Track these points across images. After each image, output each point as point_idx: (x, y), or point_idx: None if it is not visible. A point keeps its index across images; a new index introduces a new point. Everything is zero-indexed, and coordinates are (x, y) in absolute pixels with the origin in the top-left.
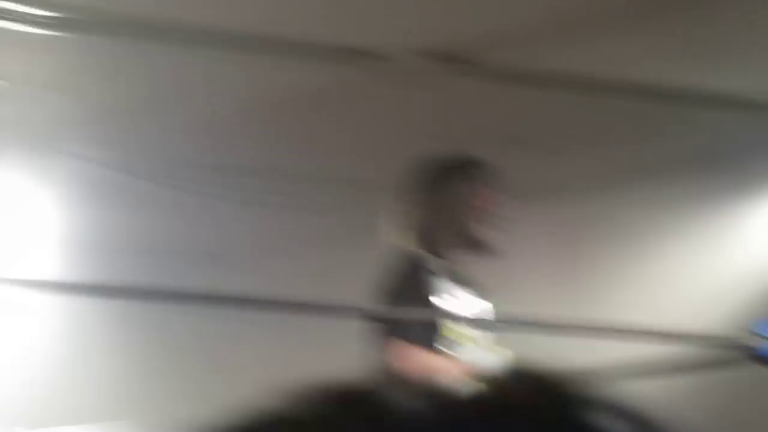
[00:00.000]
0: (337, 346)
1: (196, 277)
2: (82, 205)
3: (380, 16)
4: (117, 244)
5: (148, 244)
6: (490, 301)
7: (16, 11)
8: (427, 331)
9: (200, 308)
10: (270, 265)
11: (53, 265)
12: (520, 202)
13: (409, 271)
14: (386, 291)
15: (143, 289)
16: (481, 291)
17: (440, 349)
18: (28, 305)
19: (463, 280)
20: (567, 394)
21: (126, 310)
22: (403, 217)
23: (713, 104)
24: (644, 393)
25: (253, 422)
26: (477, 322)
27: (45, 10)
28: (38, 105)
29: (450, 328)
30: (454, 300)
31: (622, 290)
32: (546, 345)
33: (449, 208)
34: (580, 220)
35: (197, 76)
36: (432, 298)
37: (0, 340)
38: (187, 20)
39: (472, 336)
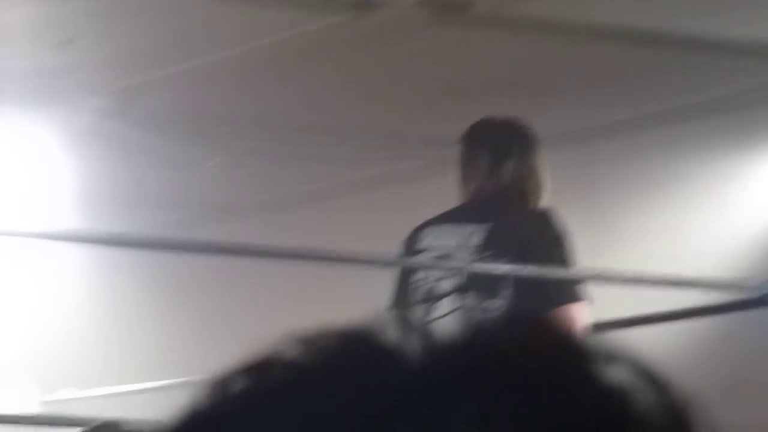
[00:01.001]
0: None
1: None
2: (93, 157)
3: None
4: (125, 196)
5: (154, 195)
6: None
7: None
8: None
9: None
10: (276, 214)
11: (66, 216)
12: None
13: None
14: (565, 250)
15: (158, 240)
16: None
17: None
18: (46, 260)
19: None
20: (581, 347)
21: (139, 262)
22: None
23: (717, 50)
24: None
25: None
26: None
27: None
28: (38, 55)
29: None
30: None
31: (633, 239)
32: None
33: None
34: (587, 169)
35: (196, 26)
36: None
37: (23, 294)
38: None
39: None
